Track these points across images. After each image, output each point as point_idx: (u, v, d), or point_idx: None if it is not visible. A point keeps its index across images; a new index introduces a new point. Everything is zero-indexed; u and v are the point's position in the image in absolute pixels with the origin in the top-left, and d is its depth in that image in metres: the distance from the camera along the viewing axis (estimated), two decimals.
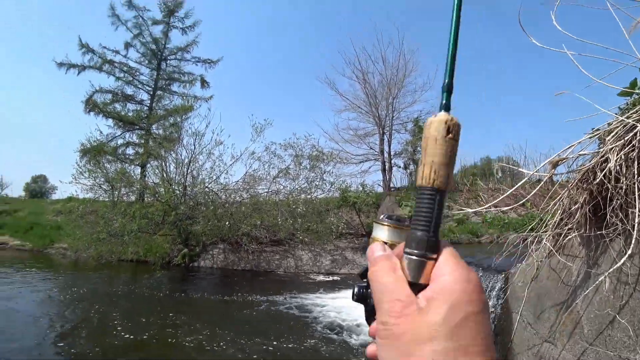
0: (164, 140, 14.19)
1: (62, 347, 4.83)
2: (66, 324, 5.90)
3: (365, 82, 16.09)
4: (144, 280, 9.80)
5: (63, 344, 4.95)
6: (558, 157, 2.80)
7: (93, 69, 18.81)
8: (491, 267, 4.71)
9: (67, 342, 5.01)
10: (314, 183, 13.75)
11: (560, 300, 2.86)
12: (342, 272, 11.96)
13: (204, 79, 20.79)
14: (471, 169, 16.53)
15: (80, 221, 11.98)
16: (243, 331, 5.63)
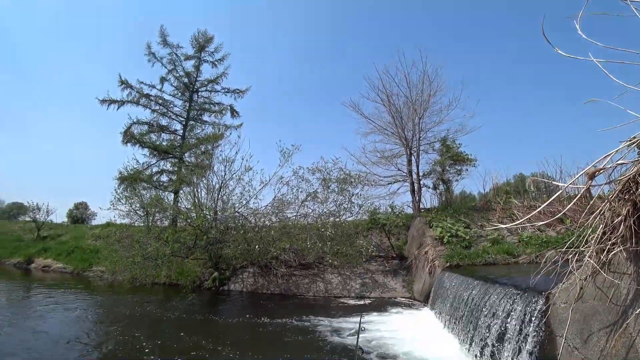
0: (196, 167, 14.72)
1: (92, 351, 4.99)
2: (98, 342, 6.06)
3: (390, 104, 16.09)
4: (175, 302, 9.95)
5: None
6: (594, 168, 2.67)
7: (131, 103, 20.15)
8: (529, 288, 4.45)
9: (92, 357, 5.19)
10: (342, 206, 13.69)
11: (609, 321, 2.65)
12: (372, 295, 11.63)
13: (234, 108, 21.73)
14: (504, 186, 15.89)
15: (117, 245, 12.48)
16: (271, 353, 5.56)
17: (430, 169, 15.23)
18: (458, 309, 6.55)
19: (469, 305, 6.05)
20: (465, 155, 14.07)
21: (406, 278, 12.34)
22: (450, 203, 14.40)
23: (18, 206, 37.18)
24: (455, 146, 14.36)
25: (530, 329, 3.95)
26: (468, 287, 6.62)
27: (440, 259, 10.33)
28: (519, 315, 4.29)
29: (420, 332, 7.06)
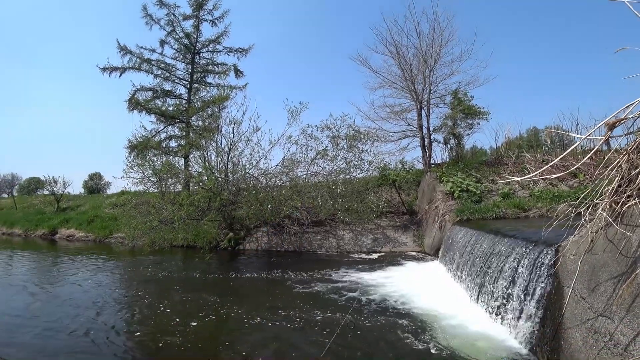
0: (204, 130, 14.65)
1: (119, 320, 5.37)
2: (124, 304, 6.46)
3: (399, 56, 15.41)
4: (194, 263, 10.44)
5: (120, 318, 5.51)
6: (615, 118, 2.56)
7: (133, 69, 19.73)
8: (539, 240, 4.49)
9: (124, 317, 5.56)
10: (352, 163, 13.68)
11: (618, 272, 2.68)
12: (383, 250, 11.94)
13: (237, 68, 21.13)
14: (516, 140, 15.53)
15: (134, 212, 12.85)
16: (285, 305, 5.86)
17: (441, 124, 14.90)
18: (468, 261, 6.70)
19: (479, 257, 6.17)
20: (477, 109, 13.66)
21: (417, 233, 12.56)
22: (461, 158, 14.23)
23: (36, 180, 38.24)
24: (467, 99, 13.92)
25: (538, 280, 4.03)
26: (478, 240, 6.71)
27: (450, 214, 10.41)
28: (528, 267, 4.37)
29: (430, 284, 7.30)
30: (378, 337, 4.59)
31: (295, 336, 4.68)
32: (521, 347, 3.99)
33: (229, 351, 4.25)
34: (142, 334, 4.85)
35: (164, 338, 4.63)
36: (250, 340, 4.56)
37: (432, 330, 4.73)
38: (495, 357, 3.83)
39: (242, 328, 5.01)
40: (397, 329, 4.82)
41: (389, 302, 6.09)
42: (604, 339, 2.55)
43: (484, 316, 5.11)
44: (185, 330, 4.93)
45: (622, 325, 2.40)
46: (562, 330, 3.22)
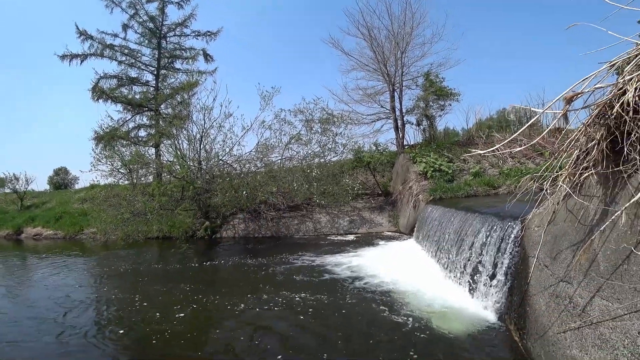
0: (174, 118, 14.22)
1: (94, 320, 5.19)
2: (101, 298, 6.26)
3: (371, 38, 15.36)
4: (170, 254, 10.23)
5: (95, 317, 5.32)
6: (573, 92, 2.66)
7: (95, 56, 18.65)
8: (507, 215, 4.68)
9: (100, 316, 5.37)
10: (326, 146, 13.72)
11: (577, 240, 2.84)
12: (360, 231, 12.14)
13: (207, 52, 20.40)
14: (487, 122, 15.98)
15: (104, 205, 12.41)
16: (265, 290, 5.88)
17: (414, 105, 15.09)
18: (441, 237, 6.92)
19: (451, 234, 6.39)
20: (449, 90, 13.90)
21: (392, 213, 12.81)
22: (434, 139, 14.52)
23: None
24: (439, 81, 14.12)
25: (506, 252, 4.22)
26: (450, 218, 6.93)
27: (424, 193, 10.66)
28: (497, 240, 4.56)
29: (405, 261, 7.50)
30: (357, 314, 4.71)
31: (278, 320, 4.72)
32: (491, 316, 4.20)
33: (213, 340, 4.23)
34: (120, 333, 4.58)
35: (145, 334, 4.47)
36: (233, 327, 4.55)
37: (408, 304, 4.89)
38: (467, 327, 4.01)
39: (224, 316, 5.00)
40: (374, 306, 4.96)
41: (366, 281, 6.23)
42: (564, 302, 2.72)
43: (457, 289, 5.32)
44: (166, 323, 4.82)
45: (580, 288, 2.55)
46: (527, 297, 3.40)
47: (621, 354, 2.05)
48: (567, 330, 2.59)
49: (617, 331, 2.13)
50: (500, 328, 3.90)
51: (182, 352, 3.90)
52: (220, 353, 3.85)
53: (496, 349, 3.50)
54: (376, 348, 3.70)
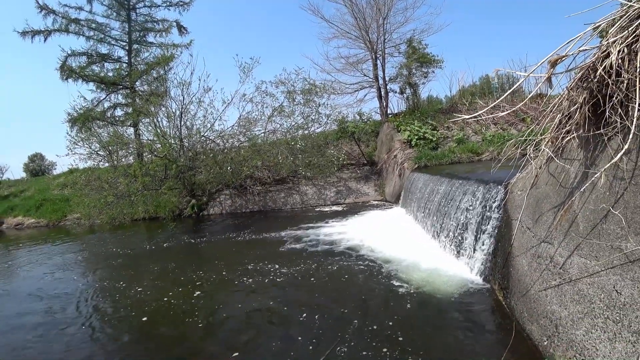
0: (151, 95, 13.74)
1: (89, 307, 5.18)
2: (92, 283, 6.24)
3: (352, 4, 14.87)
4: (158, 234, 10.19)
5: (90, 304, 5.31)
6: (557, 55, 2.66)
7: (59, 31, 17.46)
8: (491, 180, 4.78)
9: (95, 302, 5.37)
10: (310, 118, 13.61)
11: (558, 202, 2.93)
12: (347, 201, 12.29)
13: (180, 24, 19.41)
14: (470, 88, 16.00)
15: (86, 190, 12.13)
16: (256, 263, 5.96)
17: (397, 73, 14.92)
18: (426, 204, 7.06)
19: (437, 200, 6.52)
20: (432, 57, 13.75)
21: (378, 182, 12.96)
22: (418, 107, 14.51)
23: None
24: (422, 47, 13.92)
25: (490, 216, 4.35)
26: (435, 184, 7.05)
27: (409, 161, 10.77)
28: (481, 204, 4.69)
29: (392, 228, 7.67)
30: (348, 281, 4.85)
31: (270, 290, 4.82)
32: (477, 278, 4.37)
33: (206, 316, 4.30)
34: (118, 317, 4.58)
35: (143, 315, 4.48)
36: (225, 302, 4.63)
37: (396, 269, 5.05)
38: (453, 289, 4.18)
39: (217, 291, 5.06)
40: (363, 272, 5.11)
41: (354, 249, 6.36)
42: (545, 262, 2.84)
43: (444, 253, 5.50)
44: (162, 302, 4.86)
45: (560, 248, 2.67)
46: (511, 258, 3.55)
47: (597, 307, 2.18)
48: (548, 288, 2.73)
49: (594, 286, 2.25)
50: (485, 289, 4.08)
51: (173, 330, 3.97)
52: (215, 328, 3.93)
53: (481, 308, 3.67)
54: (366, 311, 3.84)
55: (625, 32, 2.19)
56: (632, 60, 2.17)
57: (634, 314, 1.92)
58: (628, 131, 2.15)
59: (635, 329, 1.89)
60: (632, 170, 2.14)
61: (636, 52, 2.15)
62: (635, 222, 2.02)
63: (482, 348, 2.99)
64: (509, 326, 3.17)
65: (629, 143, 2.12)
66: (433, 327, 3.43)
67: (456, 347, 3.04)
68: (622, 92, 2.24)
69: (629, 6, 2.22)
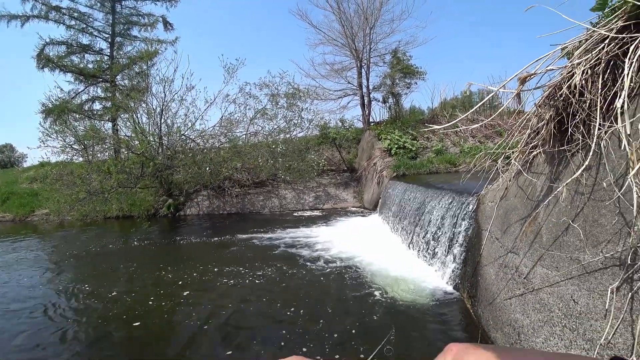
0: (132, 90, 13.46)
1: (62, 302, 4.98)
2: (61, 281, 6.00)
3: (340, 11, 15.10)
4: (131, 234, 9.88)
5: (61, 298, 5.11)
6: (526, 73, 2.78)
7: (38, 18, 16.88)
8: (464, 191, 4.91)
9: (65, 298, 5.16)
10: (292, 122, 13.60)
11: (524, 214, 3.04)
12: (325, 207, 12.32)
13: (167, 20, 19.15)
14: (451, 101, 16.40)
15: (57, 184, 11.69)
16: (230, 264, 5.90)
17: (381, 82, 15.18)
18: (402, 212, 7.17)
19: (412, 209, 6.63)
20: (415, 68, 14.06)
21: (357, 189, 13.06)
22: (399, 116, 14.76)
23: None
24: (406, 58, 14.22)
25: (462, 225, 4.46)
26: (412, 193, 7.17)
27: (388, 170, 10.91)
28: (454, 214, 4.80)
29: (369, 236, 7.74)
30: (321, 286, 4.85)
31: (244, 293, 4.76)
32: (447, 286, 4.46)
33: (178, 319, 4.21)
34: (83, 324, 4.36)
35: (113, 318, 4.34)
36: (199, 304, 4.54)
37: (370, 276, 5.09)
38: (425, 296, 4.25)
39: (189, 293, 4.96)
40: (336, 278, 5.13)
41: (329, 255, 6.38)
42: (511, 272, 2.94)
43: (417, 261, 5.59)
44: (134, 304, 4.73)
45: (525, 258, 2.77)
46: (480, 267, 3.64)
47: (556, 316, 2.27)
48: (513, 297, 2.82)
49: (554, 296, 2.34)
50: (454, 296, 4.17)
51: (146, 333, 3.87)
52: (186, 331, 3.85)
53: (450, 316, 3.75)
54: (337, 318, 3.84)
55: (589, 55, 2.31)
56: (595, 82, 2.30)
57: (589, 322, 2.01)
58: (589, 148, 2.26)
59: (589, 337, 1.98)
60: (591, 185, 2.25)
61: (598, 75, 2.28)
62: (592, 235, 2.12)
63: None
64: (475, 334, 3.25)
65: (590, 160, 2.22)
66: (400, 333, 3.47)
67: (422, 353, 3.09)
68: (585, 111, 2.36)
69: (592, 31, 2.35)
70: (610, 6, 2.44)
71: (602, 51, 2.33)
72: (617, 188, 1.98)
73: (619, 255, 1.90)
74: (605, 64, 2.35)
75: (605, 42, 2.31)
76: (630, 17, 2.20)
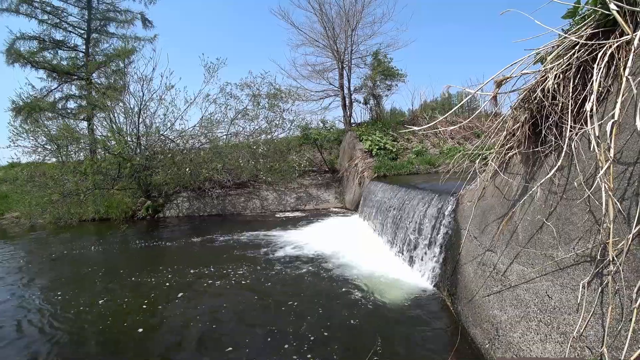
0: (108, 89, 13.07)
1: (41, 310, 4.79)
2: (38, 288, 5.78)
3: (322, 13, 15.16)
4: (108, 237, 9.58)
5: (41, 306, 4.91)
6: (502, 76, 2.87)
7: (8, 11, 16.15)
8: (444, 191, 5.01)
9: (42, 304, 4.97)
10: (273, 122, 13.55)
11: (501, 213, 3.14)
12: (307, 208, 12.33)
13: (145, 17, 18.65)
14: (431, 103, 16.70)
15: (28, 186, 11.24)
16: (211, 266, 5.82)
17: (362, 84, 15.31)
18: (383, 212, 7.26)
19: (393, 209, 6.72)
20: (396, 70, 14.25)
21: (338, 190, 13.13)
22: (380, 118, 14.92)
23: None
24: (387, 61, 14.39)
25: (441, 225, 4.56)
26: (392, 194, 7.27)
27: (369, 170, 11.02)
28: (433, 214, 4.90)
29: (350, 236, 7.79)
30: (303, 287, 4.84)
31: (225, 295, 4.71)
32: (428, 285, 4.55)
33: (160, 324, 4.13)
34: (67, 331, 4.26)
35: (93, 327, 4.23)
36: (178, 307, 4.47)
37: (351, 276, 5.13)
38: (405, 295, 4.32)
39: (169, 297, 4.87)
40: (317, 278, 5.14)
41: (310, 255, 6.39)
42: (489, 269, 3.03)
43: (398, 261, 5.67)
44: (104, 310, 4.61)
45: (502, 256, 2.86)
46: (459, 266, 3.73)
47: (532, 311, 2.35)
48: (491, 293, 2.90)
49: (529, 292, 2.43)
50: (435, 295, 4.25)
51: (125, 341, 3.77)
52: (165, 336, 3.78)
53: (430, 314, 3.82)
54: (316, 317, 3.86)
55: (561, 60, 2.41)
56: (566, 86, 2.40)
57: (562, 316, 2.09)
58: (561, 150, 2.36)
59: (562, 330, 2.06)
60: (564, 185, 2.34)
61: (569, 79, 2.38)
62: (565, 233, 2.22)
63: (428, 352, 3.11)
64: (456, 331, 3.32)
65: (562, 160, 2.32)
66: (382, 332, 3.51)
67: (403, 351, 3.14)
68: (557, 114, 2.46)
69: (564, 37, 2.45)
70: (581, 14, 2.56)
71: (573, 57, 2.44)
72: (587, 187, 2.07)
73: (590, 251, 1.99)
74: (575, 69, 2.46)
75: (576, 49, 2.42)
76: (598, 25, 2.31)
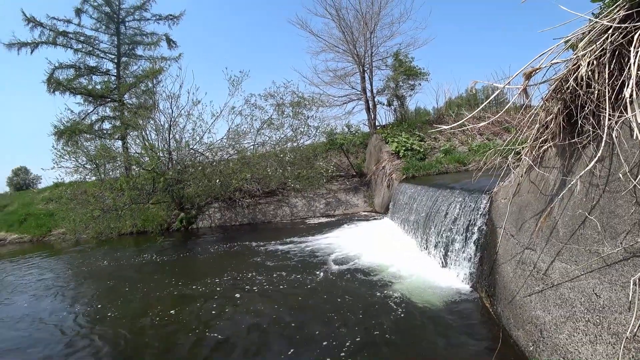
0: (139, 108, 13.70)
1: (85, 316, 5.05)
2: (82, 298, 6.10)
3: (339, 18, 15.22)
4: (146, 249, 10.00)
5: (85, 313, 5.18)
6: (531, 68, 2.77)
7: (47, 44, 17.37)
8: (476, 190, 4.87)
9: (88, 313, 5.24)
10: (299, 130, 13.70)
11: (539, 209, 3.01)
12: (336, 213, 12.31)
13: (170, 37, 19.52)
14: (456, 100, 16.34)
15: (72, 204, 11.92)
16: (250, 275, 5.91)
17: (384, 86, 15.22)
18: (414, 214, 7.13)
19: (424, 210, 6.59)
20: (418, 69, 14.06)
21: (367, 193, 13.03)
22: (405, 118, 14.74)
23: None
24: (408, 60, 14.24)
25: (475, 224, 4.43)
26: (422, 195, 7.14)
27: (397, 172, 10.88)
28: (466, 213, 4.76)
29: (382, 239, 7.70)
30: (338, 292, 4.83)
31: (262, 302, 4.78)
32: (465, 286, 4.42)
33: (199, 330, 4.24)
34: (100, 342, 4.54)
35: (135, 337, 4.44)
36: (226, 316, 4.57)
37: (385, 279, 5.07)
38: (441, 297, 4.21)
39: (207, 304, 4.99)
40: (352, 282, 5.12)
41: (344, 260, 6.37)
42: (529, 268, 2.90)
43: (432, 262, 5.54)
44: (149, 317, 4.80)
45: (543, 254, 2.73)
46: (496, 266, 3.60)
47: (578, 311, 2.23)
48: (532, 293, 2.78)
49: (574, 290, 2.31)
50: (472, 296, 4.12)
51: (166, 345, 3.90)
52: (208, 341, 3.87)
53: (469, 316, 3.70)
54: (356, 322, 3.83)
55: (593, 45, 2.30)
56: (601, 72, 2.28)
57: (613, 316, 1.97)
58: (600, 139, 2.24)
59: (614, 331, 1.94)
60: (606, 177, 2.22)
61: (604, 65, 2.27)
62: (610, 227, 2.10)
63: (469, 356, 3.01)
64: (497, 333, 3.20)
65: (602, 151, 2.20)
66: (421, 335, 3.44)
67: (444, 355, 3.06)
68: (593, 103, 2.34)
69: (595, 22, 2.34)
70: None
71: (607, 41, 2.32)
72: (632, 177, 1.96)
73: (639, 245, 1.87)
74: (610, 54, 2.33)
75: (609, 32, 2.30)
76: (632, 6, 2.19)
